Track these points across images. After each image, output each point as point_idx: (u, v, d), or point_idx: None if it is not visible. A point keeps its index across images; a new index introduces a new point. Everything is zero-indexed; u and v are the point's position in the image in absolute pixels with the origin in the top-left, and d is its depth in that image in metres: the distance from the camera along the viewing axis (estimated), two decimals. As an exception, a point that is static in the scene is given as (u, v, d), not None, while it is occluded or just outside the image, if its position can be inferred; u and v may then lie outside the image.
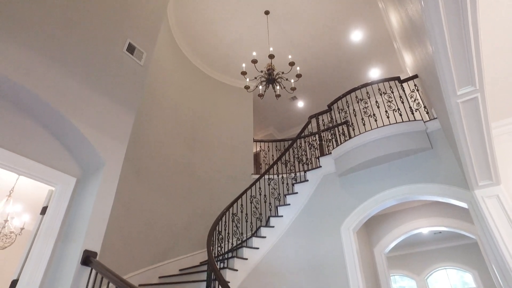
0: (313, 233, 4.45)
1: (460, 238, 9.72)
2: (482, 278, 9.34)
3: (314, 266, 4.23)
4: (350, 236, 4.17)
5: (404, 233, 5.32)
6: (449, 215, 5.12)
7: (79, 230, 2.59)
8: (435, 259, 10.17)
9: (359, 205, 4.27)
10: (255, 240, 4.51)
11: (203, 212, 5.69)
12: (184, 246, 5.24)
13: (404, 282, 10.56)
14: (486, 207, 3.16)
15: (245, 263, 4.25)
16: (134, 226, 4.62)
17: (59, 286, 2.35)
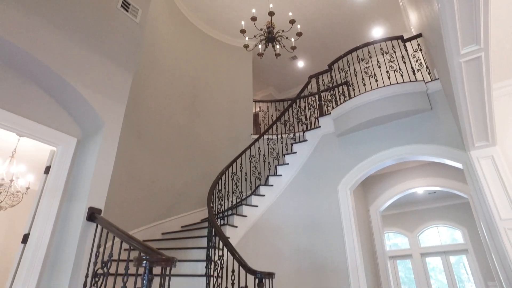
0: (311, 192, 4.58)
1: (453, 198, 10.02)
2: (470, 235, 9.77)
3: (311, 223, 4.40)
4: (347, 194, 4.29)
5: (400, 192, 5.47)
6: (444, 176, 5.23)
7: (83, 188, 2.66)
8: (428, 218, 10.56)
9: (357, 165, 4.35)
10: (254, 199, 4.65)
11: (203, 172, 5.81)
12: (185, 204, 5.40)
13: (397, 239, 11.04)
14: (480, 167, 3.23)
15: (244, 220, 4.41)
16: (137, 186, 4.74)
17: (67, 240, 2.46)
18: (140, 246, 1.88)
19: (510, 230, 2.93)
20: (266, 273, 2.73)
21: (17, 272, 2.32)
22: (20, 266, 2.34)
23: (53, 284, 2.32)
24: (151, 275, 1.68)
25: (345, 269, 3.94)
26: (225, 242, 3.05)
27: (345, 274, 3.92)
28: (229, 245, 3.00)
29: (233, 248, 2.96)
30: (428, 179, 5.32)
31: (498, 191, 3.09)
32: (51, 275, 2.38)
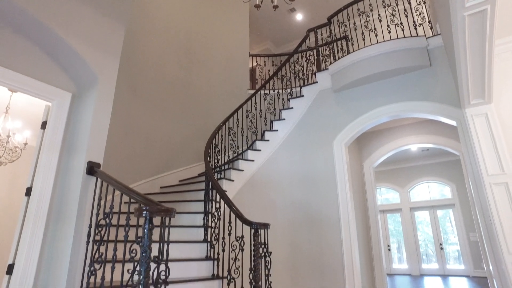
0: (307, 147, 4.65)
1: (444, 155, 10.24)
2: (458, 191, 10.15)
3: (306, 177, 4.52)
4: (342, 150, 4.37)
5: (394, 149, 5.57)
6: (438, 133, 5.31)
7: (81, 142, 2.68)
8: (419, 174, 10.86)
9: (353, 121, 4.38)
10: (250, 153, 4.73)
11: (199, 127, 5.83)
12: (182, 159, 5.49)
13: (389, 194, 11.43)
14: (473, 125, 3.28)
15: (241, 174, 4.52)
16: (134, 141, 4.77)
17: (69, 193, 2.53)
18: (140, 198, 1.94)
19: (495, 185, 3.04)
20: (261, 224, 2.86)
21: (24, 223, 2.42)
22: (26, 217, 2.43)
23: (59, 233, 2.43)
24: (151, 225, 1.76)
25: (337, 221, 4.13)
26: (222, 195, 3.15)
27: (337, 225, 4.11)
28: (225, 198, 3.11)
29: (230, 201, 3.08)
30: (422, 137, 5.40)
31: (488, 148, 3.17)
32: (56, 225, 2.48)
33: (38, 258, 2.34)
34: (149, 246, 1.71)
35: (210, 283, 2.98)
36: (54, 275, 2.30)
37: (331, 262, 4.03)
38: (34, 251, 2.34)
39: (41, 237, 2.39)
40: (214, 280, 3.02)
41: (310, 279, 4.10)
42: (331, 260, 4.03)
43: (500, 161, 3.08)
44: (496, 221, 2.96)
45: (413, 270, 10.25)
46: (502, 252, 2.88)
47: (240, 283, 3.71)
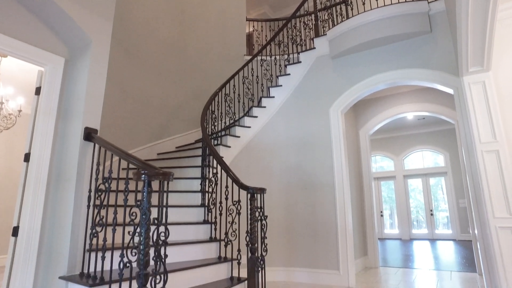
0: (303, 114, 4.66)
1: (440, 124, 10.31)
2: (451, 159, 10.32)
3: (302, 143, 4.57)
4: (338, 117, 4.38)
5: (390, 116, 5.59)
6: (434, 101, 5.31)
7: (77, 108, 2.67)
8: (414, 142, 10.97)
9: (350, 88, 4.36)
10: (247, 120, 4.73)
11: (196, 93, 5.78)
12: (178, 125, 5.49)
13: (383, 162, 11.59)
14: (470, 92, 3.28)
15: (237, 141, 4.56)
16: (129, 107, 4.74)
17: (67, 159, 2.56)
18: (138, 163, 1.98)
19: (486, 153, 3.11)
20: (257, 189, 2.93)
21: (25, 187, 2.46)
22: (27, 182, 2.47)
23: (60, 197, 2.48)
24: (150, 188, 1.81)
25: (332, 186, 4.23)
26: (219, 160, 3.20)
27: (332, 190, 4.22)
28: (222, 163, 3.16)
29: (227, 166, 3.13)
30: (418, 105, 5.40)
31: (482, 116, 3.20)
32: (57, 190, 2.53)
33: (41, 221, 2.41)
34: (148, 208, 1.76)
35: (208, 245, 3.10)
36: (58, 236, 2.38)
37: (325, 226, 4.17)
38: (37, 214, 2.40)
39: (43, 201, 2.44)
40: (212, 242, 3.14)
41: (305, 241, 4.27)
42: (325, 224, 4.18)
43: (493, 129, 3.12)
44: (484, 187, 3.05)
45: (404, 235, 10.65)
46: (488, 216, 2.99)
47: (237, 245, 3.87)
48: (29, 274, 2.29)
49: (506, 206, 2.95)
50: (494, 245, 2.92)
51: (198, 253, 3.00)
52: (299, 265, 4.24)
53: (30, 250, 2.32)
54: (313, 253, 4.18)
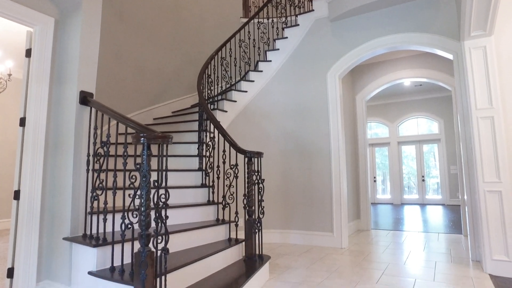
0: (300, 78, 4.61)
1: (436, 91, 10.27)
2: (445, 127, 10.41)
3: (299, 108, 4.56)
4: (335, 82, 4.35)
5: (387, 82, 5.55)
6: (432, 67, 5.25)
7: (71, 72, 2.60)
8: (410, 109, 10.98)
9: (348, 52, 4.29)
10: (243, 84, 4.68)
11: (192, 58, 5.65)
12: (175, 90, 5.42)
13: (378, 129, 11.65)
14: (470, 57, 3.24)
15: (234, 105, 4.53)
16: (125, 72, 4.64)
17: (64, 123, 2.54)
18: (137, 126, 1.97)
19: (481, 119, 3.13)
20: (255, 152, 2.96)
21: (23, 152, 2.46)
22: (24, 147, 2.46)
23: (59, 161, 2.49)
24: (149, 151, 1.81)
25: (328, 152, 4.28)
26: (216, 124, 3.20)
27: (327, 156, 4.28)
28: (220, 128, 3.16)
29: (224, 130, 3.13)
30: (416, 70, 5.35)
31: (480, 82, 3.19)
32: (55, 154, 2.53)
33: (42, 184, 2.44)
34: (148, 171, 1.78)
35: (206, 208, 3.18)
36: (59, 199, 2.42)
37: (321, 190, 4.27)
38: (37, 178, 2.42)
39: (42, 165, 2.45)
40: (210, 205, 3.21)
41: (300, 205, 4.39)
42: (321, 189, 4.27)
43: (490, 96, 3.13)
44: (477, 153, 3.11)
45: (395, 200, 10.97)
46: (478, 181, 3.08)
47: (234, 208, 3.97)
48: (33, 236, 2.35)
49: (495, 171, 3.03)
50: (482, 208, 3.03)
51: (197, 215, 3.09)
52: (295, 227, 4.38)
53: (32, 212, 2.37)
54: (308, 217, 4.31)
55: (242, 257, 2.95)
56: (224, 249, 2.70)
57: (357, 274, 2.96)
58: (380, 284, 2.67)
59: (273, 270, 3.08)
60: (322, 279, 2.80)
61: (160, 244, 1.83)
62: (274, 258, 3.57)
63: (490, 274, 2.95)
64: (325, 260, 3.46)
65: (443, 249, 3.93)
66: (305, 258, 3.55)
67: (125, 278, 1.87)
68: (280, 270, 3.10)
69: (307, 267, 3.20)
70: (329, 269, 3.12)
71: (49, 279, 2.31)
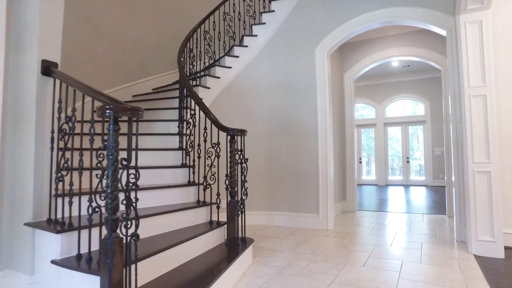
0: (287, 54, 4.39)
1: (423, 73, 10.20)
2: (431, 109, 10.42)
3: (286, 86, 4.36)
4: (324, 59, 4.15)
5: (377, 61, 5.38)
6: (422, 46, 5.10)
7: (30, 38, 2.32)
8: (397, 91, 10.91)
9: (338, 27, 4.08)
10: (227, 60, 4.43)
11: (173, 32, 5.32)
12: (156, 66, 5.11)
13: (364, 111, 11.57)
14: (465, 33, 3.09)
15: (217, 82, 4.29)
16: (102, 45, 4.32)
17: (24, 95, 2.27)
18: (103, 98, 1.74)
19: (474, 97, 3.01)
20: (238, 130, 2.77)
21: (-26, 124, 2.19)
22: (-24, 118, 2.19)
23: (19, 138, 2.24)
24: (117, 126, 1.60)
25: (315, 131, 4.13)
26: (198, 101, 2.98)
27: (314, 135, 4.12)
28: (201, 104, 2.94)
29: (206, 107, 2.92)
30: (405, 49, 5.19)
31: (474, 59, 3.05)
32: (15, 130, 2.28)
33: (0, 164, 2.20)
34: (115, 148, 1.58)
35: (186, 189, 2.99)
36: (20, 181, 2.19)
37: (307, 171, 4.14)
38: (-7, 155, 2.17)
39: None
40: (190, 186, 3.03)
41: (286, 186, 4.26)
42: (307, 169, 4.14)
43: (483, 73, 3.00)
44: (468, 132, 3.01)
45: (380, 181, 11.05)
46: (467, 161, 2.99)
47: (216, 189, 3.80)
48: (-10, 219, 2.12)
49: (485, 152, 2.94)
50: (470, 188, 2.96)
51: (177, 197, 2.90)
52: (280, 209, 4.27)
53: (-12, 194, 2.13)
54: (294, 198, 4.20)
55: (224, 241, 2.81)
56: (205, 233, 2.55)
57: (343, 256, 2.87)
58: (367, 266, 2.59)
59: (257, 254, 2.96)
60: (307, 263, 2.69)
61: (130, 229, 1.64)
62: (258, 240, 3.45)
63: (475, 254, 2.92)
64: (311, 242, 3.37)
65: (428, 230, 3.90)
66: (290, 240, 3.45)
67: (92, 267, 1.69)
68: (264, 253, 2.98)
69: (292, 250, 3.09)
70: (315, 251, 3.02)
71: (9, 269, 2.11)
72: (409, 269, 2.53)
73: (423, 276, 2.38)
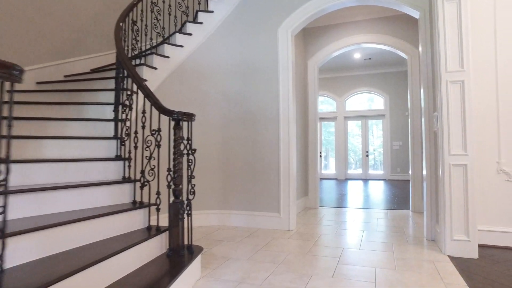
0: (248, 33, 3.89)
1: (385, 66, 10.21)
2: (391, 103, 10.49)
3: (245, 69, 3.87)
4: (288, 39, 3.71)
5: (343, 47, 5.05)
6: (390, 33, 4.86)
7: None
8: (358, 84, 10.86)
9: (305, 3, 3.65)
10: (179, 37, 3.84)
11: (119, 5, 4.59)
12: (95, 42, 4.38)
13: (323, 106, 11.41)
14: (443, 13, 2.79)
15: (167, 62, 3.70)
16: (25, 12, 3.53)
17: None
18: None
19: (451, 83, 2.74)
20: (184, 114, 2.25)
21: None
22: None
23: None
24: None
25: (276, 119, 3.69)
26: (133, 74, 2.40)
27: (276, 125, 3.69)
28: (136, 77, 2.37)
29: (143, 83, 2.35)
30: (373, 35, 4.92)
31: (452, 42, 2.77)
32: None
33: None
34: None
35: (120, 188, 2.42)
36: None
37: (267, 165, 3.70)
38: None
39: None
40: (125, 183, 2.45)
41: (244, 182, 3.79)
42: (267, 163, 3.70)
43: (461, 57, 2.72)
44: (444, 122, 2.73)
45: (340, 175, 10.98)
46: (444, 154, 2.71)
47: (156, 187, 3.22)
48: None
49: (462, 143, 2.68)
50: (445, 183, 2.69)
51: (107, 197, 2.32)
52: (236, 207, 3.80)
53: None
54: (252, 195, 3.74)
55: (166, 251, 2.28)
56: (140, 242, 2.01)
57: (309, 264, 2.46)
58: (337, 276, 2.19)
59: (207, 264, 2.47)
60: (267, 274, 2.24)
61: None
62: (210, 245, 2.96)
63: (449, 255, 2.65)
64: (271, 246, 2.93)
65: (395, 228, 3.63)
66: (247, 244, 2.99)
67: None
68: (216, 262, 2.49)
69: (249, 257, 2.63)
70: (276, 259, 2.59)
71: None
72: (385, 277, 2.18)
73: (402, 286, 2.02)
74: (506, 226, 2.93)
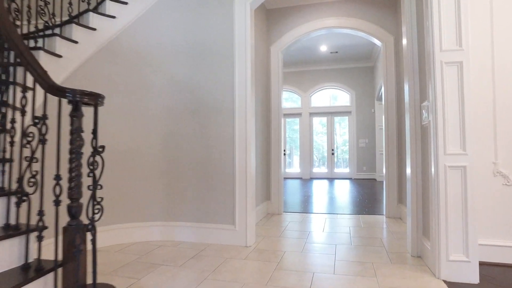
0: (197, 7, 3.16)
1: (352, 61, 9.86)
2: (357, 99, 10.19)
3: (194, 49, 3.14)
4: (246, 14, 3.03)
5: (311, 31, 4.45)
6: (363, 17, 4.33)
7: None
8: (323, 79, 10.44)
9: (267, -37, 2.99)
10: (110, 5, 3.03)
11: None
12: None
13: (287, 103, 10.89)
14: (435, -23, 2.24)
15: (92, 35, 2.88)
16: None
17: None
18: None
19: (446, 65, 2.20)
20: (86, 94, 1.49)
21: None
22: None
23: None
24: None
25: (232, 112, 3.00)
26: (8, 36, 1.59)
27: (231, 117, 3.00)
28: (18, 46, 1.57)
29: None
30: (345, 19, 4.36)
31: (448, 14, 2.23)
32: None
33: None
34: None
35: (-7, 201, 1.60)
36: None
37: (220, 165, 3.00)
38: None
39: None
40: None
41: (191, 187, 3.06)
42: (220, 163, 3.00)
43: (459, 32, 2.19)
44: (439, 113, 2.18)
45: (305, 174, 10.51)
46: (437, 153, 2.17)
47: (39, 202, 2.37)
48: None
49: (460, 139, 2.15)
50: (440, 190, 2.15)
51: (-35, 217, 1.51)
52: (183, 219, 3.06)
53: None
54: (202, 203, 3.03)
55: (55, 300, 1.51)
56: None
57: (269, 303, 1.80)
58: (308, 326, 1.55)
59: (126, 310, 1.73)
60: (210, 326, 1.55)
61: None
62: (140, 273, 2.21)
63: (444, 280, 2.11)
64: (221, 272, 2.24)
65: (373, 240, 3.09)
66: (191, 270, 2.28)
67: None
68: (139, 306, 1.76)
69: (190, 293, 1.92)
70: (226, 295, 1.90)
71: None
72: (374, 325, 1.56)
73: None
74: (504, 239, 2.46)
